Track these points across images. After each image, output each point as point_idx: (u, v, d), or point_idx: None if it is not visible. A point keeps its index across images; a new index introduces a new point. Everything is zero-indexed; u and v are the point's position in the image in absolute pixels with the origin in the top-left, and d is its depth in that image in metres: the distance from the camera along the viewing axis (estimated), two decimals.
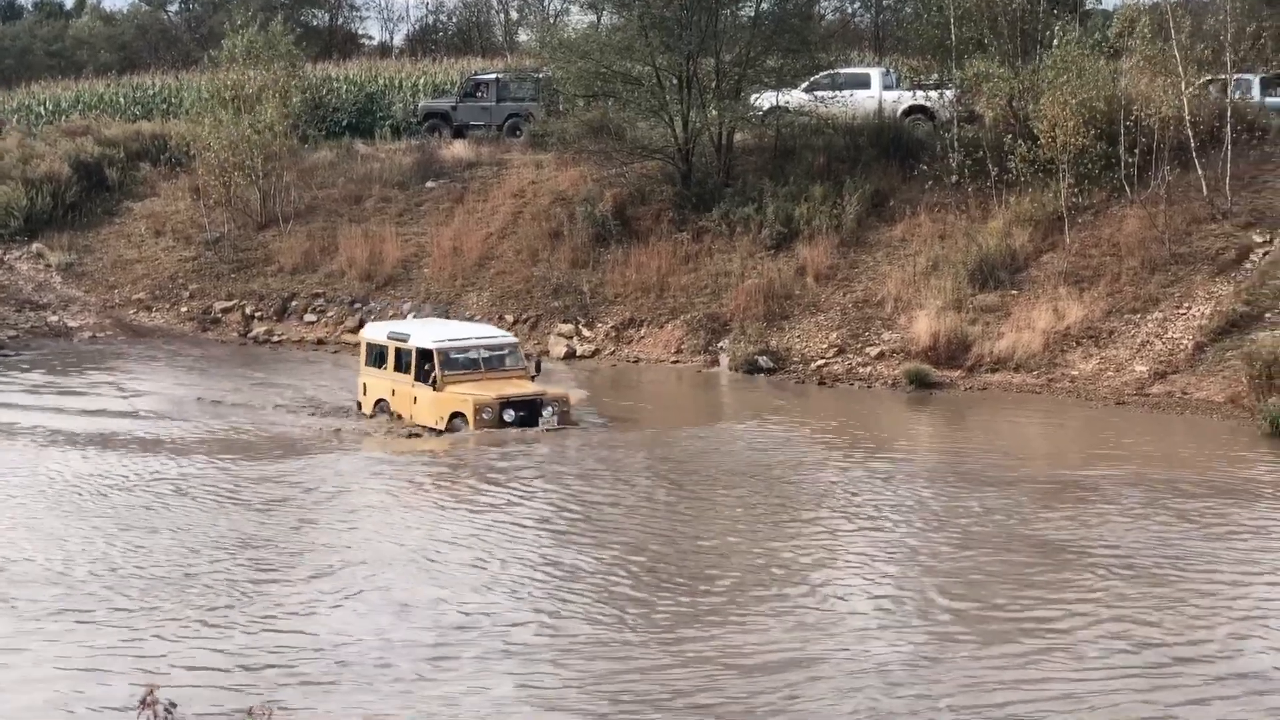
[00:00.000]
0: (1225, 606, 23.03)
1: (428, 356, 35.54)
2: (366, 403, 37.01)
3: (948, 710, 19.07)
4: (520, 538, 26.32)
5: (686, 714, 18.71)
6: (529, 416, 34.41)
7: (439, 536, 26.08)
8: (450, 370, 35.39)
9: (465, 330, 38.00)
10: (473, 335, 37.13)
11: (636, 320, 44.01)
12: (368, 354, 37.32)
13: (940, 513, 27.71)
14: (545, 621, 21.97)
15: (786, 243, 44.36)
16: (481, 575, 23.99)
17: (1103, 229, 41.17)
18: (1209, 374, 36.73)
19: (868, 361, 40.75)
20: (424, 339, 36.12)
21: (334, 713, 18.86)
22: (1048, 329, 39.15)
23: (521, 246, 47.14)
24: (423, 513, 27.90)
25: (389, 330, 37.73)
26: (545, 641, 21.23)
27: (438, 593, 23.17)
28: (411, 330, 37.21)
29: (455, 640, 21.17)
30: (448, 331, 37.26)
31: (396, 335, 36.88)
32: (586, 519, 27.37)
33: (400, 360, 36.21)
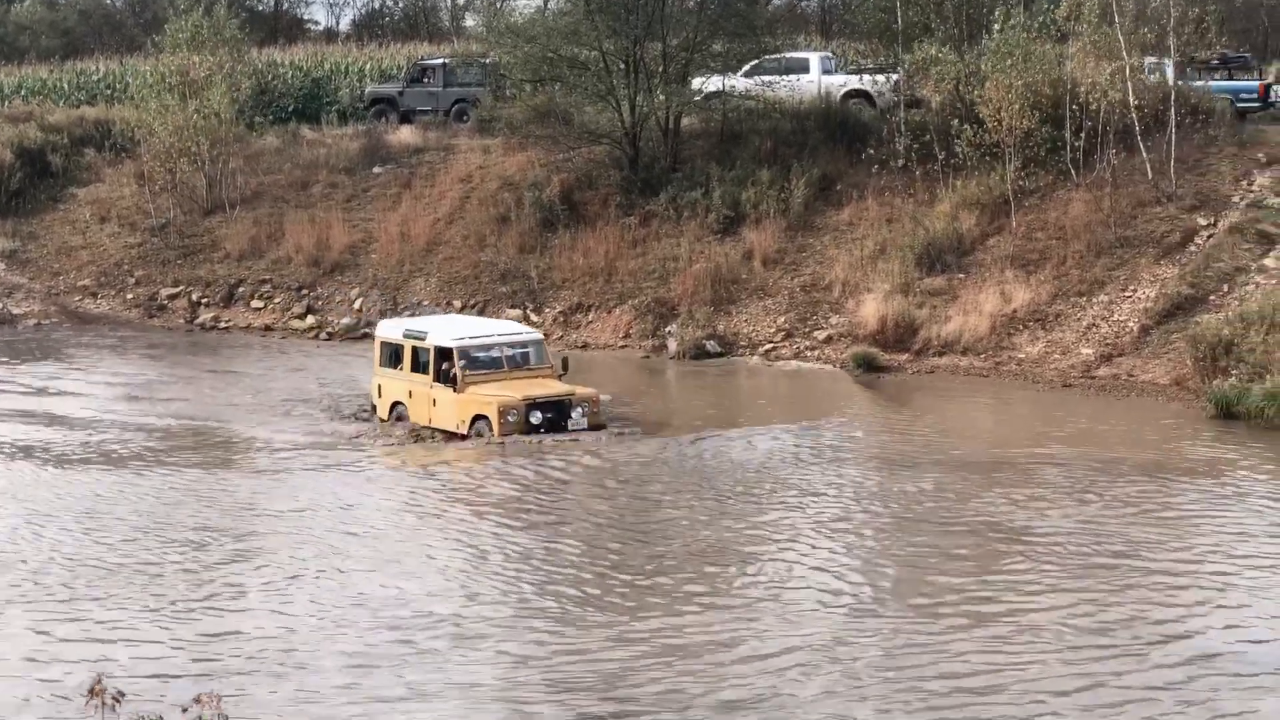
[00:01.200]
0: (1175, 586, 23.23)
1: (447, 355, 33.36)
2: (382, 406, 34.81)
3: (885, 686, 19.19)
4: (481, 529, 26.35)
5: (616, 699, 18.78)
6: (557, 418, 32.48)
7: (411, 535, 26.06)
8: (472, 369, 33.18)
9: (486, 327, 35.85)
10: (494, 332, 34.89)
11: (585, 305, 43.99)
12: (382, 354, 35.01)
13: (887, 495, 27.85)
14: (504, 615, 21.99)
15: (734, 227, 44.40)
16: (443, 570, 24.01)
17: (1049, 212, 41.33)
18: (1154, 356, 36.92)
19: (815, 345, 40.84)
20: (442, 336, 33.88)
21: (281, 701, 18.87)
22: (995, 312, 39.29)
23: (469, 232, 47.07)
24: (396, 513, 27.68)
25: (405, 328, 35.31)
26: (502, 633, 21.26)
27: (393, 585, 23.17)
28: (429, 327, 34.87)
29: (405, 630, 21.18)
30: (467, 328, 35.17)
31: (413, 333, 34.57)
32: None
33: (417, 360, 33.98)
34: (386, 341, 35.07)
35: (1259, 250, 38.70)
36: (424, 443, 33.12)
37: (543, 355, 34.29)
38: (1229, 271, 38.27)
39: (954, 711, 18.63)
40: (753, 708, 18.59)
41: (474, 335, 34.16)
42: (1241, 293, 37.33)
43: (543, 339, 35.32)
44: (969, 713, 18.59)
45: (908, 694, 19.07)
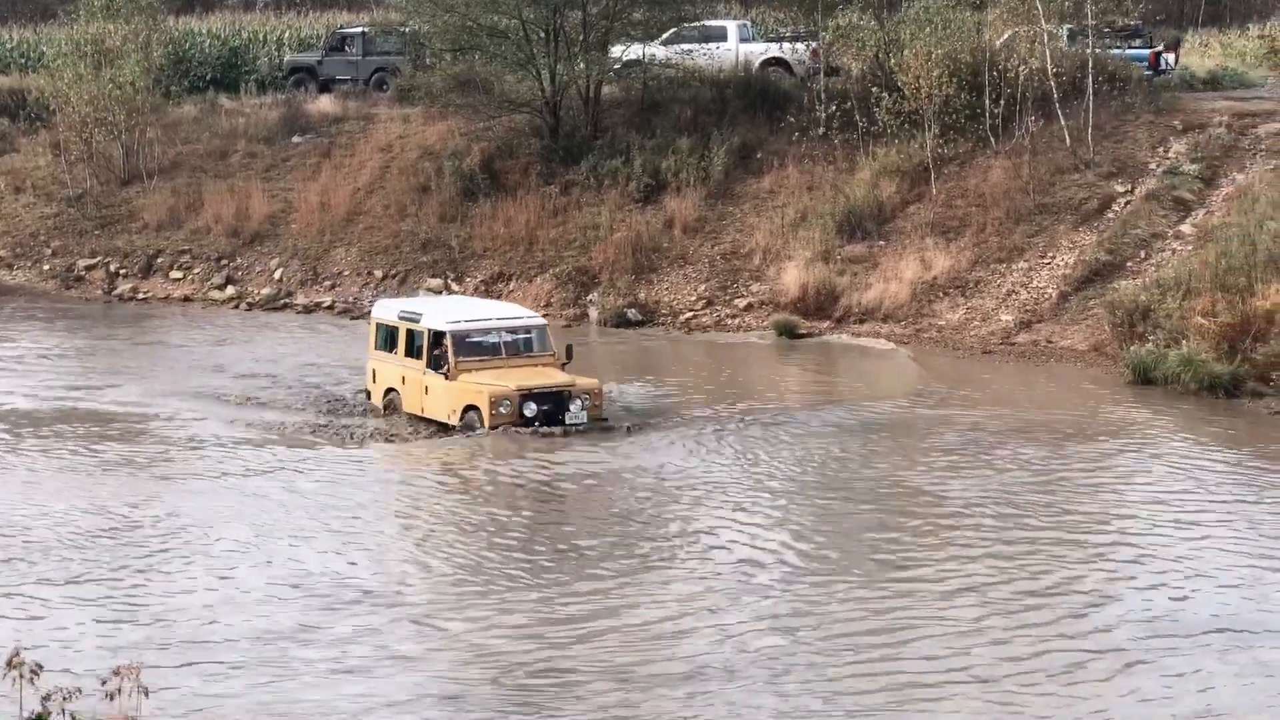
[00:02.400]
0: (1102, 548, 23.52)
1: (440, 339, 31.26)
2: (376, 392, 32.87)
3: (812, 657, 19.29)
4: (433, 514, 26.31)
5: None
6: (554, 410, 30.29)
7: (341, 512, 25.89)
8: (465, 355, 31.02)
9: (485, 309, 33.58)
10: (493, 315, 32.56)
11: (506, 274, 43.88)
12: (377, 335, 33.01)
13: (813, 462, 28.01)
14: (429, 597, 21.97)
15: (654, 195, 44.38)
16: (376, 548, 23.98)
17: (968, 180, 41.51)
18: (1073, 323, 37.17)
19: (736, 313, 40.92)
20: (437, 319, 31.72)
21: (201, 672, 18.84)
22: (915, 279, 39.45)
23: (390, 201, 46.85)
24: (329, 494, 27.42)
25: (400, 309, 33.09)
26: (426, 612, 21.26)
27: (319, 563, 23.11)
28: (424, 309, 32.78)
29: (330, 609, 21.16)
30: (465, 310, 32.98)
31: (408, 315, 32.39)
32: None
33: (411, 343, 31.84)
34: (382, 323, 32.99)
35: (1175, 217, 38.99)
36: (400, 438, 31.05)
37: (545, 342, 32.03)
38: (1146, 238, 38.53)
39: (895, 678, 18.83)
40: (689, 679, 18.73)
41: (470, 318, 32.02)
42: (1158, 259, 37.61)
43: (545, 324, 32.88)
44: (918, 679, 18.81)
45: (845, 658, 19.26)
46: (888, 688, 18.57)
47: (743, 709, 17.89)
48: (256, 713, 17.98)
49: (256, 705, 18.14)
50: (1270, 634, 20.31)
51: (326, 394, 34.45)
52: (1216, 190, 39.44)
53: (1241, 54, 50.69)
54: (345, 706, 18.09)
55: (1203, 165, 40.08)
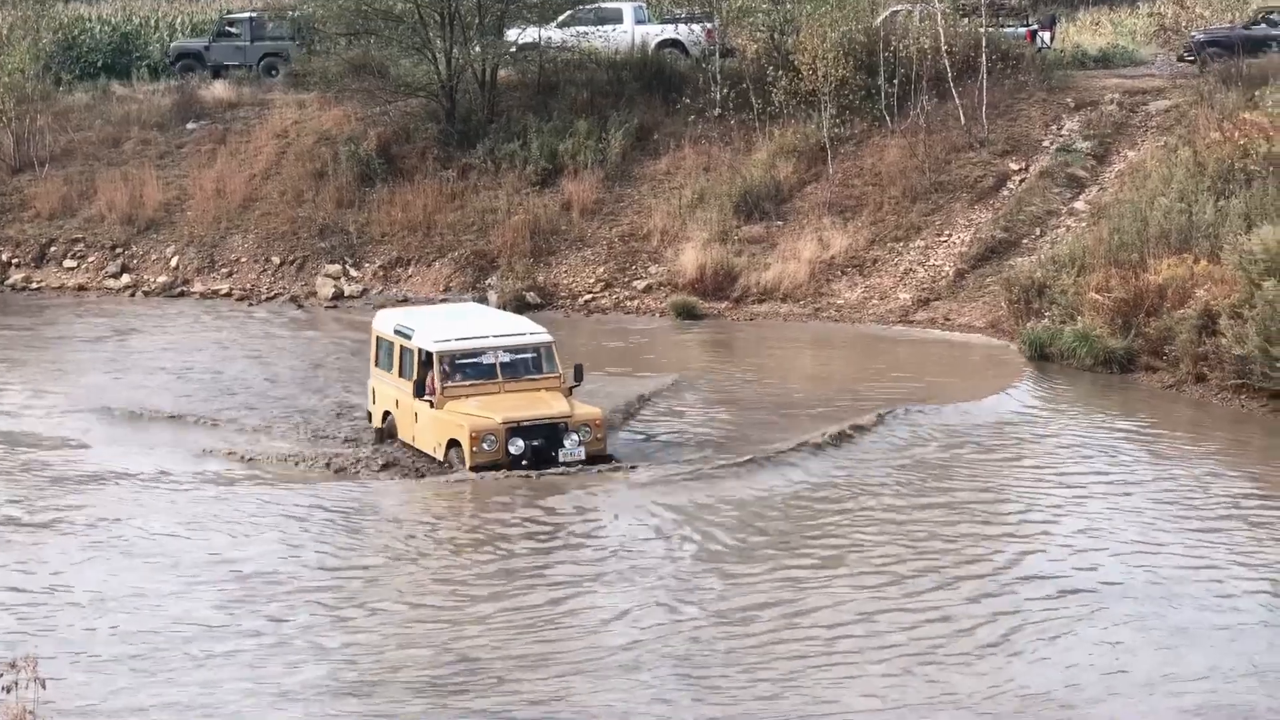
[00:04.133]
0: (1007, 522, 23.88)
1: (428, 361, 27.81)
2: (376, 414, 29.68)
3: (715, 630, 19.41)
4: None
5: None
6: (546, 447, 26.67)
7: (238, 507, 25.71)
8: (456, 380, 27.59)
9: (483, 325, 29.44)
10: (490, 332, 28.65)
11: (404, 259, 43.69)
12: (376, 351, 29.83)
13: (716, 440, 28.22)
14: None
15: (552, 179, 44.29)
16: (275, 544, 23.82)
17: (865, 159, 41.71)
18: (970, 300, 37.47)
19: (635, 295, 40.95)
20: (426, 336, 28.15)
21: (97, 664, 18.75)
22: (813, 259, 39.60)
23: (286, 188, 46.50)
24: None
25: (396, 322, 29.57)
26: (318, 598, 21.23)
27: (219, 556, 22.94)
28: (418, 325, 29.02)
29: (228, 604, 21.14)
30: (460, 327, 29.01)
31: (402, 330, 28.98)
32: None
33: (404, 363, 28.54)
34: (380, 337, 29.72)
35: (1069, 194, 39.35)
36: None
37: (550, 361, 28.21)
38: (1041, 215, 38.89)
39: (805, 660, 19.01)
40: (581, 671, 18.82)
41: (462, 336, 28.31)
42: (1053, 236, 37.96)
43: (551, 341, 28.61)
44: (830, 657, 19.01)
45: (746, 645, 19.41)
46: (806, 667, 18.74)
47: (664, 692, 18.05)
48: (152, 706, 17.93)
49: (153, 698, 18.10)
50: (1169, 598, 20.67)
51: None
52: (1109, 167, 39.83)
53: (1132, 31, 51.16)
54: (232, 697, 18.10)
55: (1095, 142, 40.48)
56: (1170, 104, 40.93)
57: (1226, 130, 36.40)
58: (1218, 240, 32.64)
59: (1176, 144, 37.74)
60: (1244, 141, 35.46)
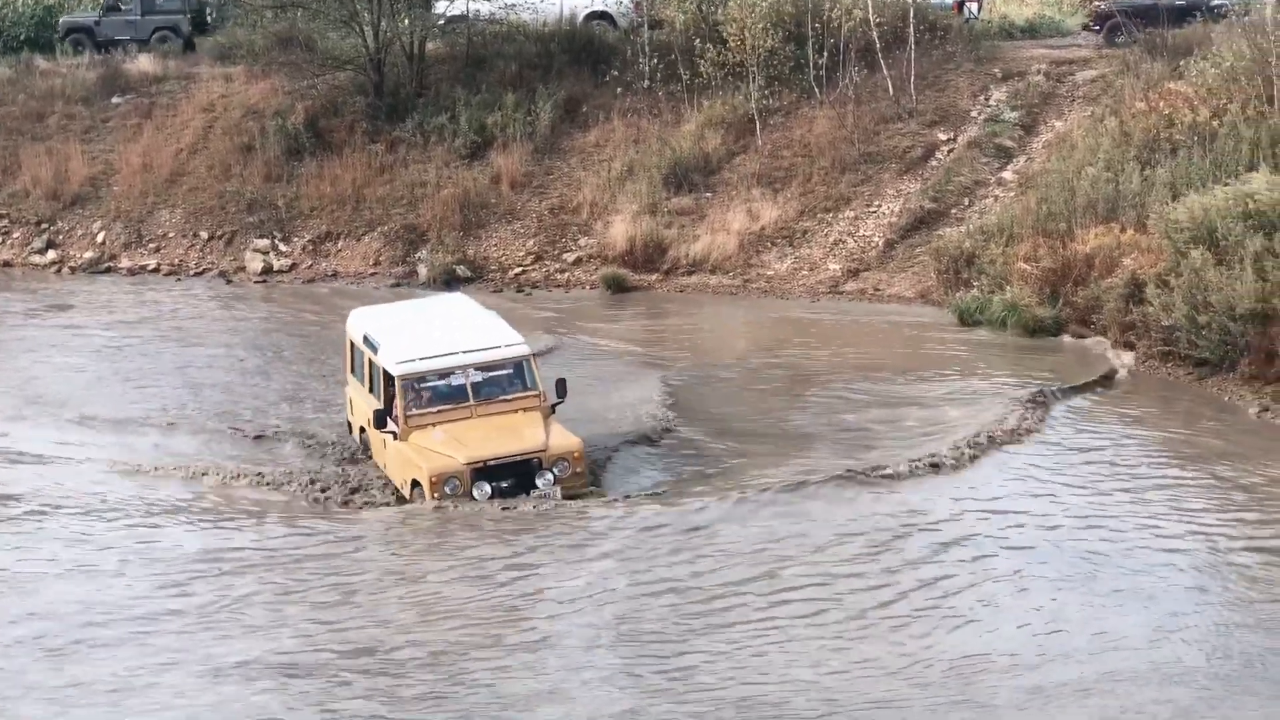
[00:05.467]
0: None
1: (391, 383, 25.12)
2: (354, 424, 27.50)
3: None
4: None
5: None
6: (518, 487, 23.90)
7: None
8: (421, 406, 24.88)
9: (453, 338, 25.85)
10: (459, 348, 25.37)
11: (334, 233, 43.52)
12: (351, 357, 27.50)
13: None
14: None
15: (481, 152, 44.19)
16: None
17: (793, 130, 41.77)
18: (900, 270, 37.61)
19: (565, 268, 40.92)
20: (390, 354, 25.31)
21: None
22: (743, 231, 39.66)
23: (214, 162, 46.22)
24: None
25: (365, 329, 26.75)
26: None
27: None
28: (385, 336, 26.05)
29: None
30: (427, 340, 25.74)
31: (370, 340, 26.24)
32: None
33: (374, 380, 26.02)
34: (353, 344, 27.19)
35: (997, 164, 39.53)
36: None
37: (529, 378, 25.41)
38: (969, 186, 39.06)
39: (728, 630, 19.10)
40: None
41: (426, 354, 25.23)
42: (981, 206, 38.14)
43: (530, 354, 25.78)
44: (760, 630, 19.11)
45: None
46: (741, 637, 18.84)
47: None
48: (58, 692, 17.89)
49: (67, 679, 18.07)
50: (1106, 558, 20.95)
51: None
52: (1036, 137, 40.04)
53: (1058, 2, 51.38)
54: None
55: (1022, 113, 40.67)
56: (1096, 74, 41.18)
57: (1152, 101, 36.64)
58: (1144, 210, 32.88)
59: (1103, 114, 37.94)
60: (1169, 112, 35.70)
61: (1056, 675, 18.02)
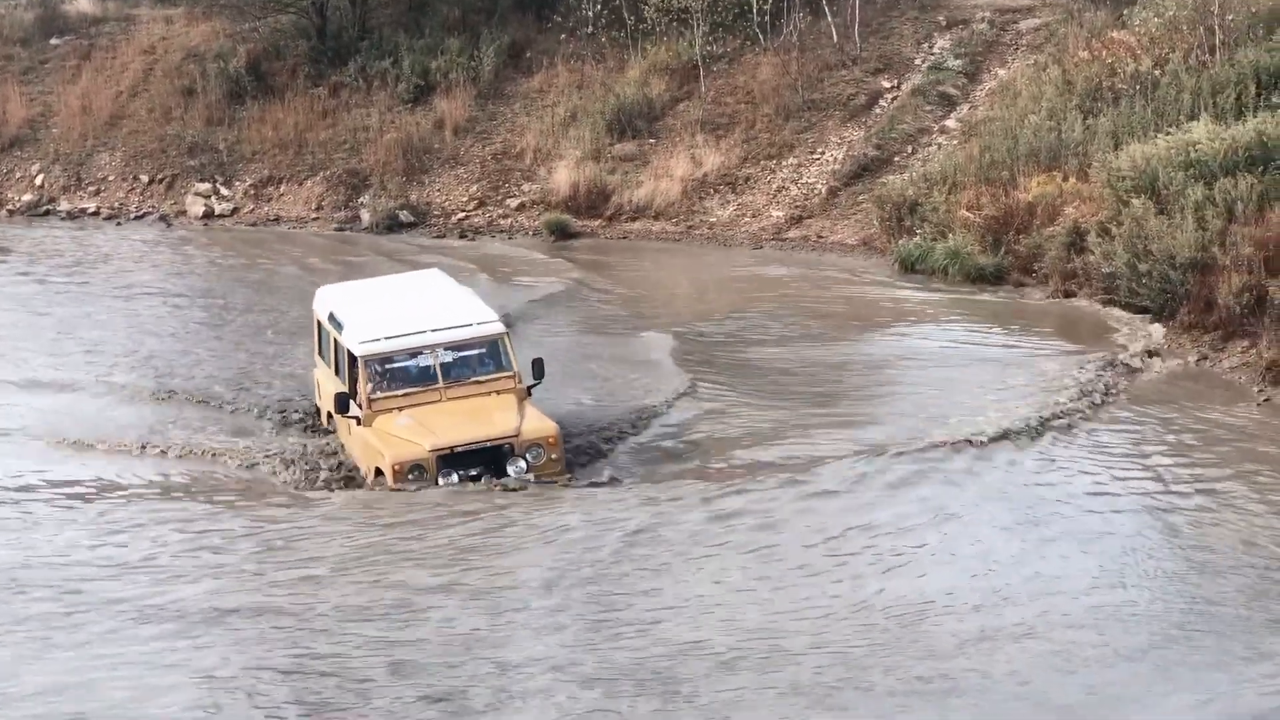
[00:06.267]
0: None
1: (354, 364, 23.61)
2: (323, 408, 25.79)
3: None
4: None
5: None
6: (489, 474, 22.50)
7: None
8: (386, 389, 23.39)
9: (421, 315, 24.35)
10: (428, 325, 23.87)
11: (275, 178, 43.35)
12: (318, 337, 26.01)
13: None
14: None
15: (424, 96, 44.02)
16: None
17: (737, 77, 41.72)
18: (843, 218, 37.66)
19: (508, 213, 40.87)
20: (353, 333, 23.85)
21: None
22: (686, 177, 39.65)
23: (154, 105, 45.95)
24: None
25: (331, 307, 25.30)
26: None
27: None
28: (349, 313, 24.67)
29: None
30: (391, 319, 24.25)
31: (336, 319, 24.77)
32: None
33: (339, 362, 24.53)
34: (320, 323, 25.66)
35: (941, 112, 39.58)
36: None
37: (503, 358, 23.82)
38: (913, 133, 39.10)
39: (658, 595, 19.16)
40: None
41: (393, 334, 23.81)
42: (924, 154, 38.19)
43: (504, 332, 24.16)
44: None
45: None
46: (670, 584, 18.91)
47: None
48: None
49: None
50: (1034, 506, 21.12)
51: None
52: (980, 85, 40.09)
53: None
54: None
55: (966, 60, 40.70)
56: (1040, 22, 41.20)
57: (1095, 49, 36.73)
58: (1086, 158, 32.99)
59: (1046, 62, 38.02)
60: (1112, 60, 35.80)
61: (998, 619, 18.12)
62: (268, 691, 16.85)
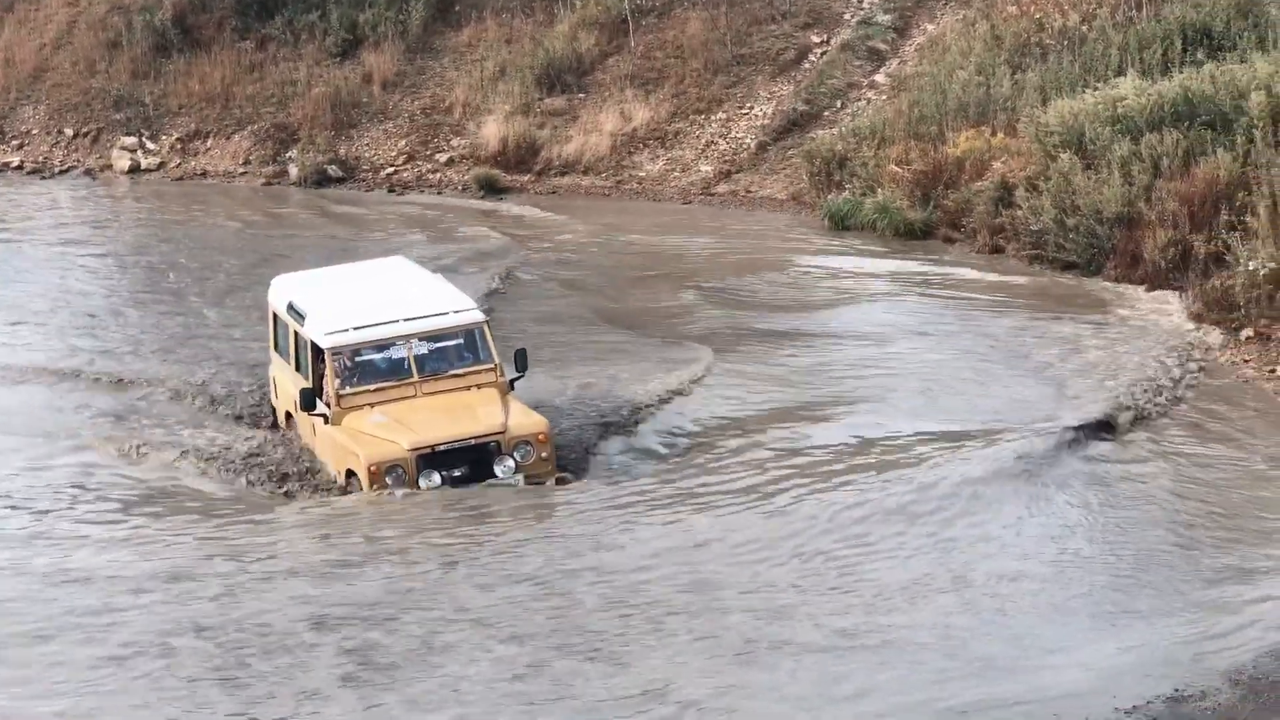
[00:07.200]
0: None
1: (319, 357, 21.76)
2: (280, 409, 23.80)
3: None
4: None
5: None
6: (473, 475, 20.71)
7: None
8: (355, 384, 21.53)
9: (391, 303, 22.40)
10: (400, 314, 21.99)
11: (202, 132, 43.09)
12: (274, 330, 23.90)
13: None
14: None
15: (352, 50, 43.79)
16: None
17: (667, 31, 41.65)
18: (772, 173, 37.71)
19: (437, 168, 40.76)
20: (318, 324, 21.97)
21: None
22: (615, 132, 39.62)
23: (78, 58, 45.55)
24: None
25: (290, 297, 23.24)
26: None
27: None
28: (313, 303, 22.67)
29: None
30: (362, 307, 22.33)
31: (296, 309, 22.78)
32: None
33: (300, 355, 22.57)
34: (277, 315, 23.62)
35: (870, 67, 39.63)
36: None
37: (482, 349, 21.98)
38: (842, 88, 39.14)
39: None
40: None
41: (362, 323, 21.82)
42: (854, 109, 38.25)
43: (484, 321, 22.25)
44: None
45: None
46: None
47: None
48: None
49: None
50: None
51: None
52: (909, 40, 40.15)
53: None
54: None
55: (895, 15, 40.75)
56: None
57: (1023, 4, 36.85)
58: (1014, 114, 33.10)
59: (975, 18, 38.09)
60: (1039, 16, 35.96)
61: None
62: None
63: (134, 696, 15.95)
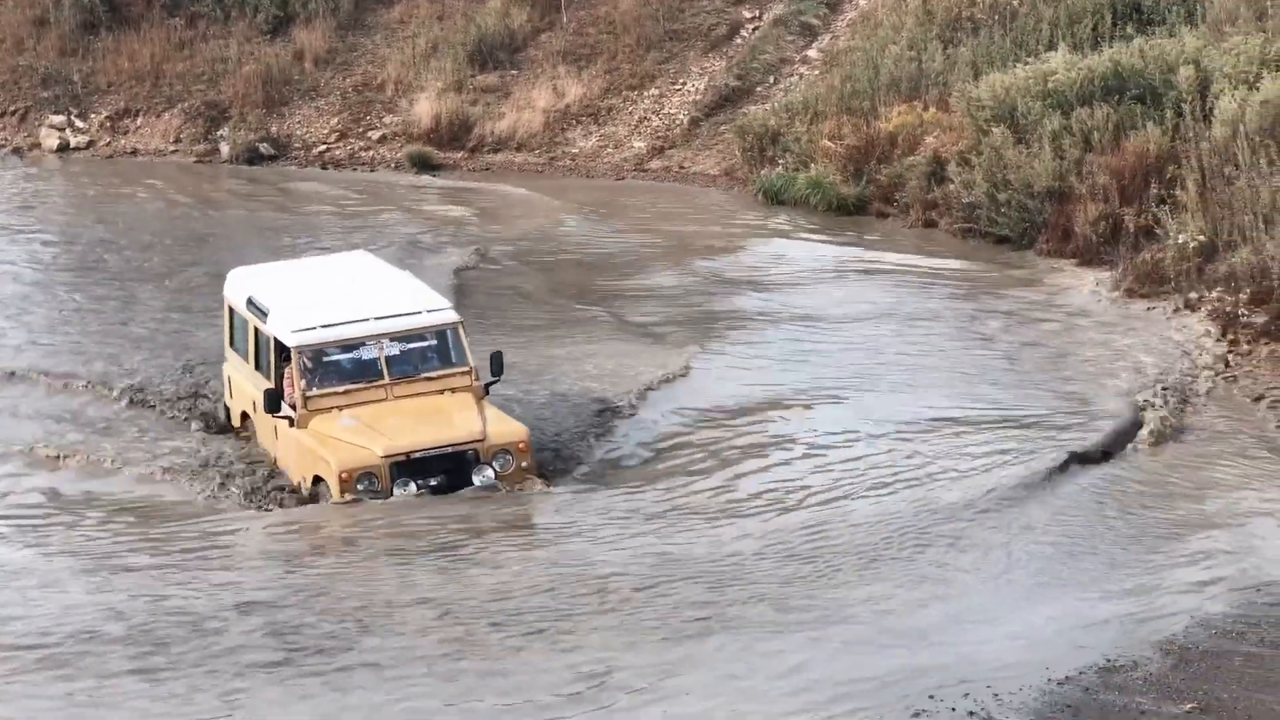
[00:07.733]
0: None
1: (284, 356, 20.72)
2: (235, 410, 22.60)
3: None
4: None
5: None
6: (451, 483, 19.73)
7: None
8: (323, 385, 20.45)
9: (361, 300, 21.34)
10: (371, 313, 20.92)
11: (132, 110, 42.78)
12: (230, 326, 22.65)
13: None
14: None
15: (284, 27, 43.56)
16: None
17: (599, 7, 41.60)
18: (705, 148, 37.75)
19: (370, 145, 40.63)
20: (282, 321, 20.87)
21: None
22: (548, 108, 39.58)
23: (5, 35, 45.11)
24: None
25: (250, 291, 22.04)
26: None
27: None
28: (274, 298, 21.56)
29: None
30: (329, 305, 21.26)
31: (256, 306, 21.58)
32: None
33: (260, 354, 21.42)
34: (233, 309, 22.41)
35: (802, 42, 39.69)
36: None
37: (457, 351, 20.89)
38: (774, 64, 39.19)
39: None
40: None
41: (330, 321, 20.79)
42: (786, 84, 38.31)
43: (458, 321, 21.09)
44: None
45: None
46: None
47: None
48: None
49: None
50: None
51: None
52: (841, 15, 40.21)
53: None
54: None
55: None
56: None
57: None
58: (946, 88, 33.25)
59: None
60: None
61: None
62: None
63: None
